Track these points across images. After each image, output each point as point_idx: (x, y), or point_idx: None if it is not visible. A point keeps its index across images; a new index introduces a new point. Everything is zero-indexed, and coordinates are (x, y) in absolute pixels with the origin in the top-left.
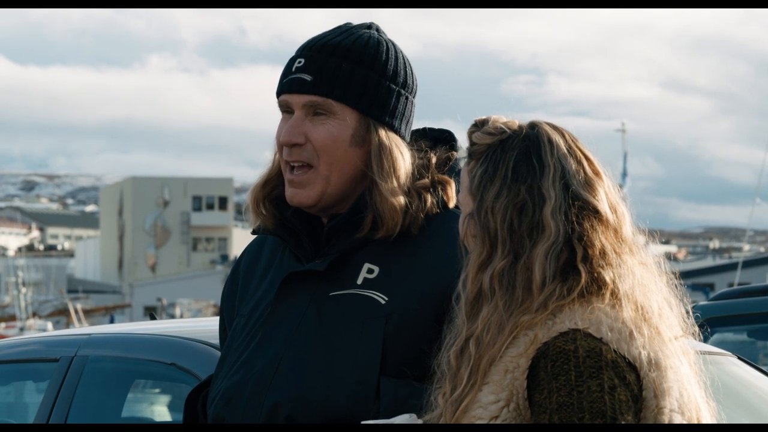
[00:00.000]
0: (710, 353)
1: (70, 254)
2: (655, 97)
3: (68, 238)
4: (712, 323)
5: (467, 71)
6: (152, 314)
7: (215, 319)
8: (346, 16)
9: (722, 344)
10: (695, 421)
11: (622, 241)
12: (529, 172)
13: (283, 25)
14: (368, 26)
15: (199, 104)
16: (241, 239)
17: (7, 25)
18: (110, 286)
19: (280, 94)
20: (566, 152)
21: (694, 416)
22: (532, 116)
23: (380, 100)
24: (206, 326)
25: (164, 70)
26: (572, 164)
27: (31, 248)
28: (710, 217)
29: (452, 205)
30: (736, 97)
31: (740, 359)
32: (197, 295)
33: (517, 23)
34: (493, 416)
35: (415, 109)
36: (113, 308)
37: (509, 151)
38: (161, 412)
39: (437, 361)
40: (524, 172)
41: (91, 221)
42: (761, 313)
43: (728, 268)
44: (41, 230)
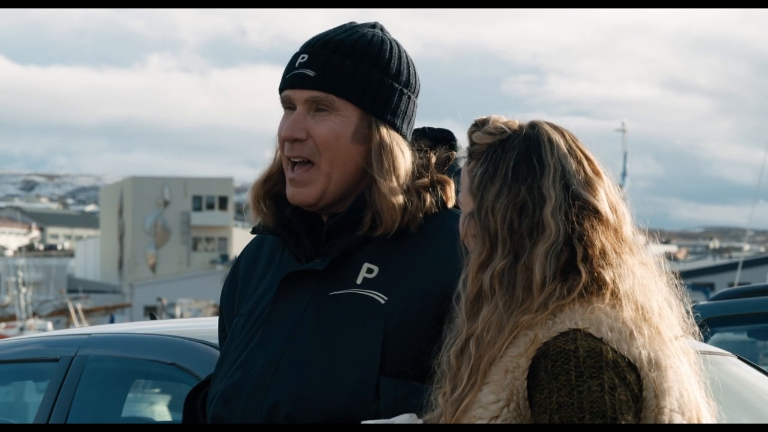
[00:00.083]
0: (710, 353)
1: (70, 254)
2: (655, 97)
3: (68, 238)
4: (712, 323)
5: (467, 71)
6: (152, 314)
7: (215, 319)
8: (346, 16)
9: (722, 344)
10: (695, 421)
11: (622, 240)
12: (529, 171)
13: (283, 24)
14: (372, 25)
15: (199, 104)
16: (241, 239)
17: (7, 25)
18: (110, 286)
19: (282, 89)
20: (566, 152)
21: (694, 416)
22: (532, 116)
23: (382, 97)
24: (206, 326)
25: (164, 70)
26: (572, 164)
27: (31, 248)
28: (710, 217)
29: (451, 204)
30: (736, 97)
31: (740, 359)
32: (197, 295)
33: (517, 23)
34: (493, 416)
35: (417, 108)
36: (113, 308)
37: (509, 150)
38: (161, 412)
39: (437, 360)
40: (524, 171)
41: (91, 221)
42: (761, 313)
43: (728, 268)
44: (41, 230)
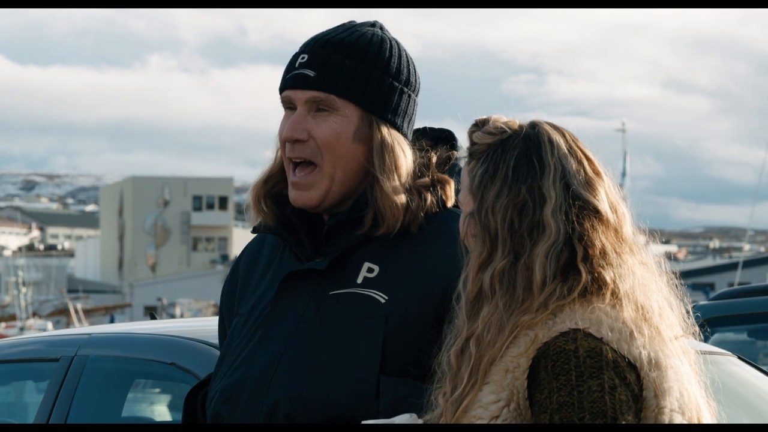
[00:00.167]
0: (710, 353)
1: (70, 254)
2: (655, 97)
3: (68, 237)
4: (712, 323)
5: (468, 71)
6: (152, 314)
7: (215, 318)
8: (346, 15)
9: (722, 344)
10: (695, 420)
11: (622, 240)
12: (529, 171)
13: (283, 24)
14: (372, 24)
15: (199, 104)
16: (241, 239)
17: (7, 25)
18: (110, 285)
19: (283, 89)
20: (567, 152)
21: (694, 416)
22: (532, 116)
23: (383, 97)
24: (206, 326)
25: (164, 69)
26: (573, 164)
27: (31, 248)
28: (710, 216)
29: (450, 204)
30: (736, 97)
31: (740, 359)
32: (197, 294)
33: (517, 23)
34: (493, 416)
35: (417, 107)
36: (113, 308)
37: (510, 150)
38: (161, 412)
39: (437, 360)
40: (525, 171)
41: (91, 221)
42: (761, 313)
43: (728, 267)
44: (41, 230)
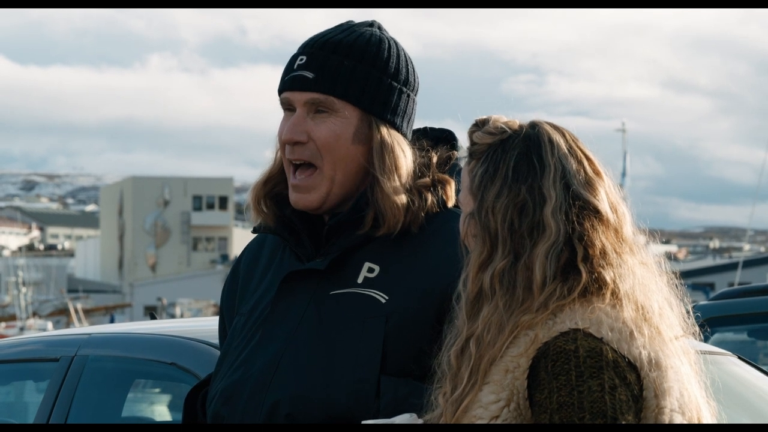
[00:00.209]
0: (710, 353)
1: (70, 254)
2: (655, 96)
3: (68, 237)
4: (712, 323)
5: (468, 71)
6: (152, 314)
7: (215, 318)
8: (346, 15)
9: (722, 344)
10: (696, 420)
11: (622, 240)
12: (529, 171)
13: (283, 24)
14: (370, 24)
15: (199, 104)
16: (241, 239)
17: (7, 25)
18: (110, 285)
19: (281, 91)
20: (567, 152)
21: (694, 416)
22: (532, 116)
23: (382, 97)
24: (206, 326)
25: (165, 69)
26: (573, 164)
27: (31, 248)
28: (710, 216)
29: (451, 204)
30: (736, 97)
31: (740, 359)
32: (197, 294)
33: (517, 23)
34: (493, 416)
35: (416, 107)
36: (113, 308)
37: (510, 150)
38: (161, 412)
39: (438, 360)
40: (525, 171)
41: (91, 221)
42: (761, 312)
43: (728, 267)
44: (41, 230)
